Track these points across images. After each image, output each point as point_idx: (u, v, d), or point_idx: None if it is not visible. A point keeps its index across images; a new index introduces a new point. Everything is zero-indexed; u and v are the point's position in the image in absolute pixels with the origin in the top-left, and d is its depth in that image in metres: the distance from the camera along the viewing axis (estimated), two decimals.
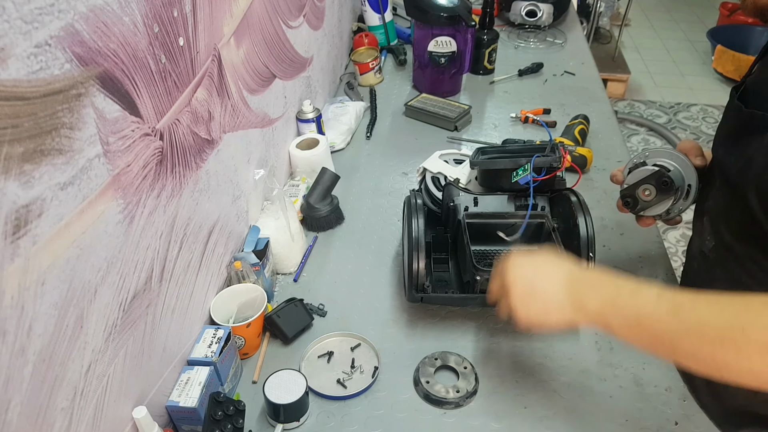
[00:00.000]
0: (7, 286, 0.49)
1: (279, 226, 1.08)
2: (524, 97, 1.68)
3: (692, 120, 3.36)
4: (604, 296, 0.66)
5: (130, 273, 0.69)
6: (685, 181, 0.87)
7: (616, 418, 0.84)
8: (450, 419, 0.85)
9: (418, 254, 0.92)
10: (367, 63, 1.69)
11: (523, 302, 0.72)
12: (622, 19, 3.47)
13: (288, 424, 0.84)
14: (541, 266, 0.74)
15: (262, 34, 1.08)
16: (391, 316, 1.02)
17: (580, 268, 0.72)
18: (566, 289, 0.70)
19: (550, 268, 0.73)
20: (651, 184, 0.87)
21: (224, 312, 0.94)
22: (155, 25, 0.70)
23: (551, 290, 0.70)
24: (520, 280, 0.73)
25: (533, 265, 0.74)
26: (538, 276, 0.72)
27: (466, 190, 1.05)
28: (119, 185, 0.65)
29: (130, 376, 0.71)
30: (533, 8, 2.02)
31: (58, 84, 0.53)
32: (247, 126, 1.04)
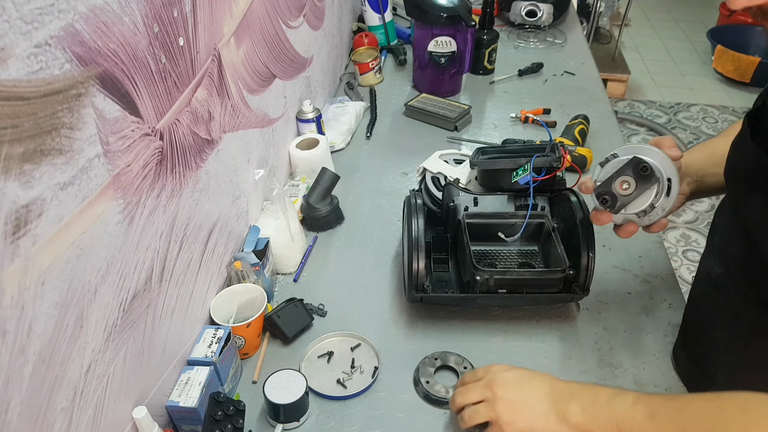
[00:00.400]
0: (7, 286, 0.49)
1: (279, 226, 1.08)
2: (524, 97, 1.68)
3: (692, 120, 3.36)
4: (584, 405, 0.68)
5: (130, 273, 0.69)
6: (664, 174, 0.77)
7: None
8: (450, 419, 0.85)
9: (418, 254, 0.92)
10: (367, 63, 1.69)
11: (511, 414, 0.72)
12: (622, 19, 3.47)
13: (288, 424, 0.84)
14: (525, 381, 0.74)
15: (262, 34, 1.08)
16: (391, 316, 1.02)
17: (560, 381, 0.74)
18: (549, 402, 0.71)
19: (533, 382, 0.74)
20: (628, 175, 0.77)
21: (224, 312, 0.94)
22: (155, 25, 0.70)
23: (536, 404, 0.71)
24: (507, 393, 0.73)
25: (518, 380, 0.75)
26: (523, 390, 0.73)
27: (466, 190, 1.05)
28: (119, 185, 0.65)
29: (130, 376, 0.71)
30: (533, 8, 2.02)
31: (58, 84, 0.53)
32: (247, 126, 1.04)
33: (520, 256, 1.03)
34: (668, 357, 0.93)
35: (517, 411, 0.72)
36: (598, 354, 0.94)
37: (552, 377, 0.75)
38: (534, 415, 0.71)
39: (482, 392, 0.75)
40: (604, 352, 0.94)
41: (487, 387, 0.75)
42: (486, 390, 0.75)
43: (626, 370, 0.91)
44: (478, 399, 0.75)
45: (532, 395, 0.72)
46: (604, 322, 0.99)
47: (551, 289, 0.95)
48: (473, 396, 0.76)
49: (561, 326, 0.99)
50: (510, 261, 1.03)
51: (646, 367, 0.92)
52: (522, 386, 0.74)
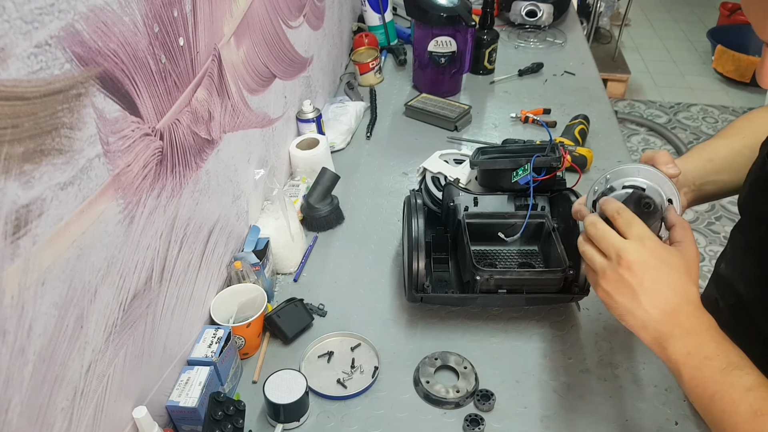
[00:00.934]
0: (7, 286, 0.49)
1: (279, 226, 1.08)
2: (524, 97, 1.68)
3: (692, 120, 3.36)
4: (692, 352, 0.60)
5: (130, 273, 0.69)
6: (664, 196, 0.71)
7: (616, 418, 0.84)
8: (450, 419, 0.85)
9: (418, 254, 0.92)
10: (367, 63, 1.69)
11: (616, 288, 0.64)
12: (622, 19, 3.47)
13: (288, 424, 0.84)
14: (661, 280, 0.63)
15: (262, 34, 1.08)
16: (391, 316, 1.02)
17: (693, 306, 0.63)
18: (663, 319, 0.62)
19: (665, 288, 0.63)
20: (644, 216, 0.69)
21: (224, 312, 0.94)
22: (155, 25, 0.70)
23: (648, 309, 0.63)
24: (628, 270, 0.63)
25: (654, 274, 0.63)
26: (647, 286, 0.63)
27: (466, 190, 1.05)
28: (119, 185, 0.65)
29: (130, 376, 0.71)
30: (533, 8, 2.02)
31: (58, 84, 0.53)
32: (247, 126, 1.04)
33: (520, 256, 1.03)
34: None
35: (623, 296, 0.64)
36: (598, 354, 0.94)
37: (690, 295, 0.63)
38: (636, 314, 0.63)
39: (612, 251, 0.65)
40: (604, 352, 0.94)
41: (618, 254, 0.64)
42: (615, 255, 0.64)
43: (626, 370, 0.91)
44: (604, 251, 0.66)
45: (650, 300, 0.62)
46: (604, 322, 0.99)
47: (551, 289, 0.95)
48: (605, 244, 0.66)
49: (561, 326, 0.99)
50: (510, 261, 1.03)
51: (646, 367, 0.92)
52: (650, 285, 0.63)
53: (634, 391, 0.88)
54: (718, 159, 0.81)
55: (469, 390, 0.87)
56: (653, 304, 0.62)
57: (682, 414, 0.84)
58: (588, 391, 0.88)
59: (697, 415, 0.84)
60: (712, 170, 0.82)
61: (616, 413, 0.85)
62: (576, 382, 0.90)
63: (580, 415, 0.85)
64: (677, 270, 0.64)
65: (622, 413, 0.85)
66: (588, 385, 0.89)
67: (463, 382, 0.89)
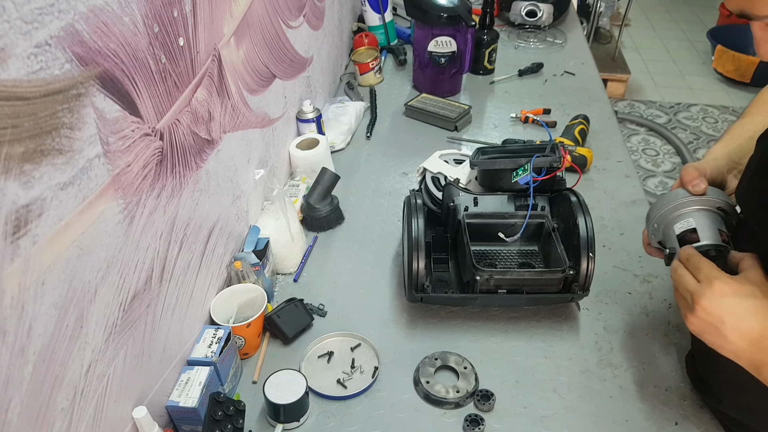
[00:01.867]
0: (7, 286, 0.49)
1: (279, 226, 1.08)
2: (524, 97, 1.68)
3: (692, 120, 3.36)
4: None
5: (130, 273, 0.69)
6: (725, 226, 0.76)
7: (616, 418, 0.84)
8: (450, 419, 0.85)
9: (418, 254, 0.92)
10: (367, 63, 1.69)
11: (702, 330, 0.69)
12: (622, 19, 3.47)
13: (288, 424, 0.84)
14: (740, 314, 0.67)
15: (262, 34, 1.08)
16: (391, 316, 1.02)
17: None
18: (752, 348, 0.66)
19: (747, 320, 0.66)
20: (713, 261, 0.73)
21: (224, 312, 0.94)
22: (155, 25, 0.70)
23: (735, 341, 0.67)
24: (709, 315, 0.68)
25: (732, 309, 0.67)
26: (729, 323, 0.67)
27: (466, 190, 1.05)
28: (119, 185, 0.65)
29: (130, 376, 0.71)
30: (533, 8, 2.02)
31: (58, 84, 0.53)
32: (247, 126, 1.04)
33: (520, 256, 1.03)
34: (668, 357, 0.93)
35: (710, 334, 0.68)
36: (598, 354, 0.94)
37: None
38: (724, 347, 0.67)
39: (690, 294, 0.70)
40: (604, 352, 0.94)
41: (697, 298, 0.68)
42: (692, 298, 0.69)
43: (626, 370, 0.91)
44: (685, 296, 0.71)
45: (735, 333, 0.66)
46: (604, 322, 0.99)
47: (551, 289, 0.95)
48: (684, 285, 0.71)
49: (561, 326, 0.99)
50: (510, 261, 1.03)
51: (647, 367, 0.92)
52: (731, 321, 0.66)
53: (634, 391, 0.88)
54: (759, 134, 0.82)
55: (469, 390, 0.87)
56: (739, 336, 0.67)
57: (682, 414, 0.84)
58: (588, 391, 0.89)
59: (697, 415, 0.84)
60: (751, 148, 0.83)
61: (616, 413, 0.85)
62: (576, 382, 0.90)
63: (580, 415, 0.85)
64: (752, 297, 0.67)
65: (622, 413, 0.85)
66: (588, 385, 0.89)
67: (463, 382, 0.89)
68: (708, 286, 0.69)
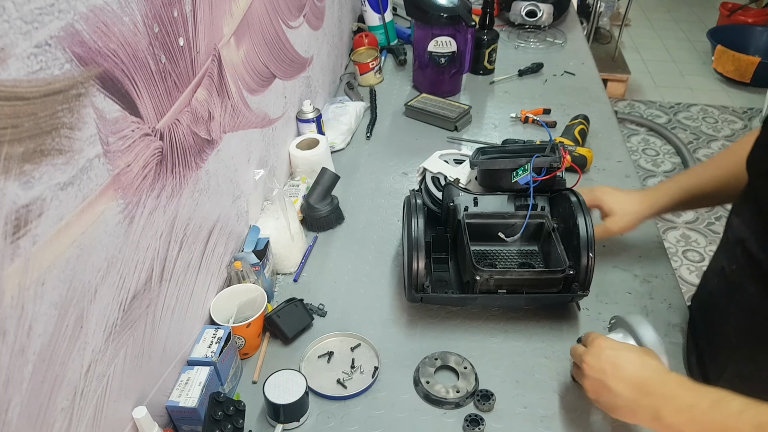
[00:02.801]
0: (7, 286, 0.49)
1: (279, 226, 1.08)
2: (524, 97, 1.68)
3: (692, 120, 3.36)
4: (681, 408, 0.65)
5: (130, 273, 0.69)
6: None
7: (616, 419, 0.84)
8: (450, 419, 0.85)
9: (418, 254, 0.92)
10: (367, 63, 1.69)
11: (594, 390, 0.74)
12: (622, 19, 3.47)
13: (288, 424, 0.84)
14: (619, 364, 0.72)
15: (262, 34, 1.08)
16: (391, 316, 1.02)
17: (658, 373, 0.70)
18: (639, 396, 0.69)
19: (626, 369, 0.71)
20: None
21: (224, 312, 0.94)
22: (155, 25, 0.70)
23: (622, 393, 0.70)
24: (594, 372, 0.73)
25: (611, 360, 0.73)
26: (610, 373, 0.72)
27: (466, 190, 1.05)
28: (119, 185, 0.65)
29: (130, 376, 0.71)
30: (533, 8, 2.02)
31: (58, 84, 0.53)
32: (247, 126, 1.04)
33: (520, 256, 1.03)
34: (668, 357, 0.93)
35: (601, 393, 0.73)
36: None
37: (650, 366, 0.71)
38: (617, 402, 0.71)
39: (579, 358, 0.76)
40: None
41: (583, 357, 0.75)
42: (579, 360, 0.76)
43: None
44: (578, 362, 0.77)
45: (620, 384, 0.70)
46: (604, 322, 0.99)
47: (551, 289, 0.95)
48: (576, 358, 0.78)
49: (561, 326, 0.99)
50: (510, 261, 1.03)
51: None
52: (612, 371, 0.71)
53: None
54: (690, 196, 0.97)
55: (469, 390, 0.87)
56: (624, 386, 0.70)
57: None
58: None
59: None
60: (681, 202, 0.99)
61: None
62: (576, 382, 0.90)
63: (580, 415, 0.85)
64: (627, 350, 0.74)
65: None
66: None
67: (463, 382, 0.89)
68: (590, 346, 0.76)
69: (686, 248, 2.49)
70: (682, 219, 2.61)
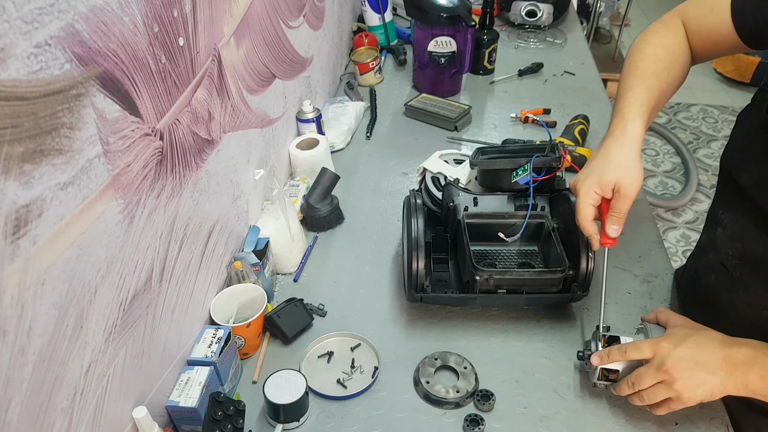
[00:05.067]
0: (7, 286, 0.49)
1: (279, 226, 1.08)
2: (524, 97, 1.68)
3: (692, 120, 3.36)
4: (763, 373, 0.71)
5: (130, 273, 0.69)
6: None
7: (616, 419, 0.84)
8: (450, 419, 0.85)
9: (418, 254, 0.92)
10: (367, 63, 1.69)
11: (692, 390, 0.74)
12: (622, 19, 3.47)
13: (288, 424, 0.84)
14: (698, 354, 0.74)
15: (262, 34, 1.08)
16: (391, 316, 1.02)
17: (734, 345, 0.74)
18: (725, 372, 0.72)
19: (705, 352, 0.74)
20: None
21: (224, 312, 0.94)
22: (155, 25, 0.70)
23: (712, 376, 0.73)
24: (683, 372, 0.74)
25: (691, 357, 0.74)
26: (699, 364, 0.73)
27: (466, 190, 1.05)
28: (119, 185, 0.65)
29: (130, 376, 0.71)
30: (533, 8, 2.02)
31: (58, 84, 0.53)
32: (247, 126, 1.04)
33: (520, 256, 1.03)
34: None
35: (697, 386, 0.73)
36: None
37: (723, 342, 0.75)
38: (712, 385, 0.73)
39: (657, 376, 0.75)
40: None
41: (661, 370, 0.75)
42: (661, 374, 0.75)
43: None
44: (654, 383, 0.76)
45: (708, 368, 0.73)
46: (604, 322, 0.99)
47: (551, 289, 0.95)
48: (648, 382, 0.76)
49: (561, 326, 0.99)
50: (510, 261, 1.03)
51: None
52: (697, 360, 0.73)
53: None
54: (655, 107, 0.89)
55: (469, 390, 0.87)
56: (708, 369, 0.73)
57: (682, 414, 0.84)
58: (588, 391, 0.88)
59: (697, 415, 0.84)
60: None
61: (616, 413, 0.85)
62: (576, 382, 0.90)
63: (580, 415, 0.85)
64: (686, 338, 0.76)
65: (621, 413, 0.85)
66: (588, 386, 0.89)
67: (463, 382, 0.89)
68: (658, 355, 0.76)
69: (686, 248, 2.49)
70: (682, 219, 2.61)
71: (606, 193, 0.83)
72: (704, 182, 2.85)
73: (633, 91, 0.87)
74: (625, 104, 0.87)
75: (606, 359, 0.80)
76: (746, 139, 0.81)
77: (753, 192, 0.78)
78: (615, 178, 0.82)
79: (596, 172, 0.84)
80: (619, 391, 0.80)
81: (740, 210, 0.81)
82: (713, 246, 0.88)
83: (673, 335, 0.77)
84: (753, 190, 0.79)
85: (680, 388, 0.74)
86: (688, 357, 0.74)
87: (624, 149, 0.83)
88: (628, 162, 0.82)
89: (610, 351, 0.80)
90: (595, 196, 0.84)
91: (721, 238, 0.86)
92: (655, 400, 0.77)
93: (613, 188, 0.82)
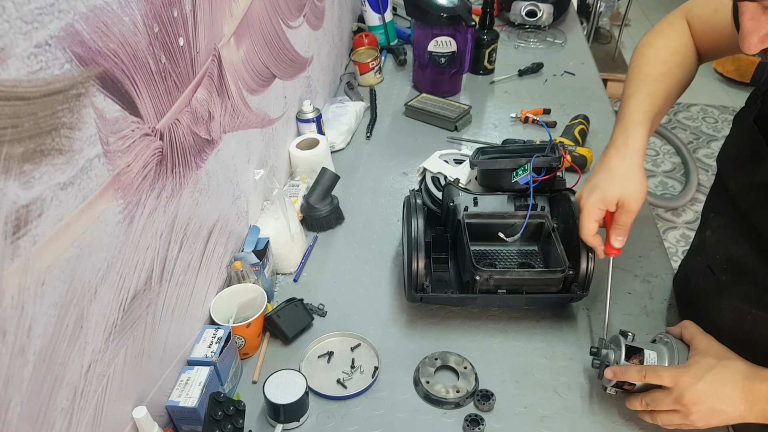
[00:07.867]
0: (7, 286, 0.49)
1: (279, 226, 1.08)
2: (524, 97, 1.68)
3: (692, 120, 3.36)
4: None
5: (130, 273, 0.69)
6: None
7: (616, 418, 0.84)
8: (450, 419, 0.85)
9: (418, 254, 0.92)
10: (367, 63, 1.69)
11: (707, 420, 0.73)
12: (622, 19, 3.47)
13: (288, 424, 0.84)
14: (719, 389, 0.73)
15: (262, 34, 1.08)
16: (391, 316, 1.02)
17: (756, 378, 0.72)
18: (746, 405, 0.72)
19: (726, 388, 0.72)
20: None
21: (224, 312, 0.94)
22: (155, 25, 0.70)
23: (731, 409, 0.72)
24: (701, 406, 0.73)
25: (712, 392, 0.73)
26: (718, 399, 0.72)
27: (466, 190, 1.05)
28: (119, 185, 0.65)
29: (130, 376, 0.71)
30: (533, 8, 2.02)
31: (58, 84, 0.53)
32: (247, 126, 1.04)
33: (520, 256, 1.03)
34: None
35: (713, 417, 0.73)
36: None
37: (747, 374, 0.73)
38: (729, 417, 0.72)
39: (674, 406, 0.74)
40: None
41: (680, 403, 0.73)
42: (678, 405, 0.74)
43: None
44: (669, 409, 0.75)
45: (727, 402, 0.72)
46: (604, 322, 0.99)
47: (551, 289, 0.95)
48: (664, 407, 0.75)
49: (561, 326, 0.99)
50: (510, 261, 1.03)
51: None
52: (718, 396, 0.72)
53: None
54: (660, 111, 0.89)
55: (469, 390, 0.87)
56: (730, 403, 0.72)
57: None
58: (588, 391, 0.88)
59: None
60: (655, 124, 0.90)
61: (616, 413, 0.85)
62: (576, 382, 0.90)
63: (580, 415, 0.85)
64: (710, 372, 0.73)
65: (622, 413, 0.85)
66: (588, 385, 0.89)
67: (463, 382, 0.89)
68: (678, 387, 0.73)
69: (686, 248, 2.48)
70: (682, 219, 2.61)
71: (610, 207, 0.84)
72: (704, 182, 2.85)
73: (635, 98, 0.87)
74: (628, 112, 0.87)
75: (622, 377, 0.78)
76: (736, 144, 0.80)
77: (738, 199, 0.78)
78: (618, 194, 0.83)
79: (600, 188, 0.84)
80: (631, 405, 0.79)
81: (729, 215, 0.81)
82: (702, 248, 0.88)
83: (696, 366, 0.75)
84: (739, 197, 0.78)
85: (696, 420, 0.73)
86: (710, 392, 0.72)
87: (626, 162, 0.84)
88: (631, 176, 0.83)
89: (628, 371, 0.78)
90: (599, 212, 0.84)
91: (710, 241, 0.86)
92: (669, 425, 0.76)
93: (616, 203, 0.83)
